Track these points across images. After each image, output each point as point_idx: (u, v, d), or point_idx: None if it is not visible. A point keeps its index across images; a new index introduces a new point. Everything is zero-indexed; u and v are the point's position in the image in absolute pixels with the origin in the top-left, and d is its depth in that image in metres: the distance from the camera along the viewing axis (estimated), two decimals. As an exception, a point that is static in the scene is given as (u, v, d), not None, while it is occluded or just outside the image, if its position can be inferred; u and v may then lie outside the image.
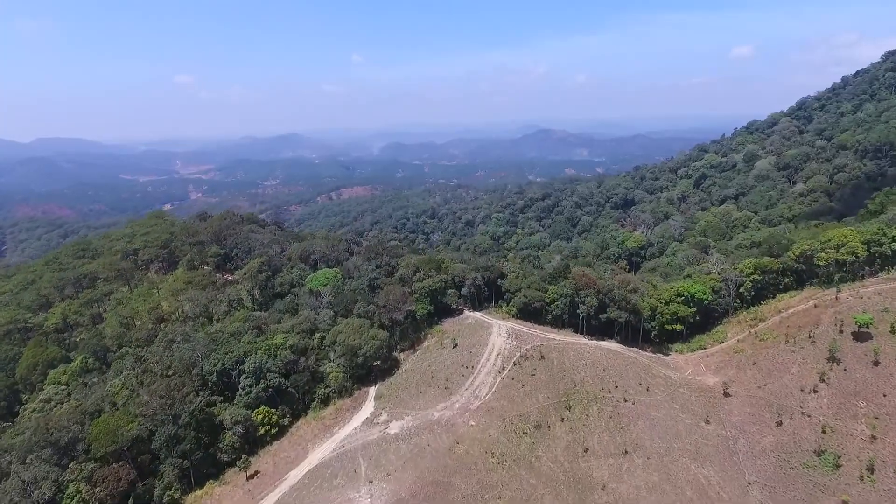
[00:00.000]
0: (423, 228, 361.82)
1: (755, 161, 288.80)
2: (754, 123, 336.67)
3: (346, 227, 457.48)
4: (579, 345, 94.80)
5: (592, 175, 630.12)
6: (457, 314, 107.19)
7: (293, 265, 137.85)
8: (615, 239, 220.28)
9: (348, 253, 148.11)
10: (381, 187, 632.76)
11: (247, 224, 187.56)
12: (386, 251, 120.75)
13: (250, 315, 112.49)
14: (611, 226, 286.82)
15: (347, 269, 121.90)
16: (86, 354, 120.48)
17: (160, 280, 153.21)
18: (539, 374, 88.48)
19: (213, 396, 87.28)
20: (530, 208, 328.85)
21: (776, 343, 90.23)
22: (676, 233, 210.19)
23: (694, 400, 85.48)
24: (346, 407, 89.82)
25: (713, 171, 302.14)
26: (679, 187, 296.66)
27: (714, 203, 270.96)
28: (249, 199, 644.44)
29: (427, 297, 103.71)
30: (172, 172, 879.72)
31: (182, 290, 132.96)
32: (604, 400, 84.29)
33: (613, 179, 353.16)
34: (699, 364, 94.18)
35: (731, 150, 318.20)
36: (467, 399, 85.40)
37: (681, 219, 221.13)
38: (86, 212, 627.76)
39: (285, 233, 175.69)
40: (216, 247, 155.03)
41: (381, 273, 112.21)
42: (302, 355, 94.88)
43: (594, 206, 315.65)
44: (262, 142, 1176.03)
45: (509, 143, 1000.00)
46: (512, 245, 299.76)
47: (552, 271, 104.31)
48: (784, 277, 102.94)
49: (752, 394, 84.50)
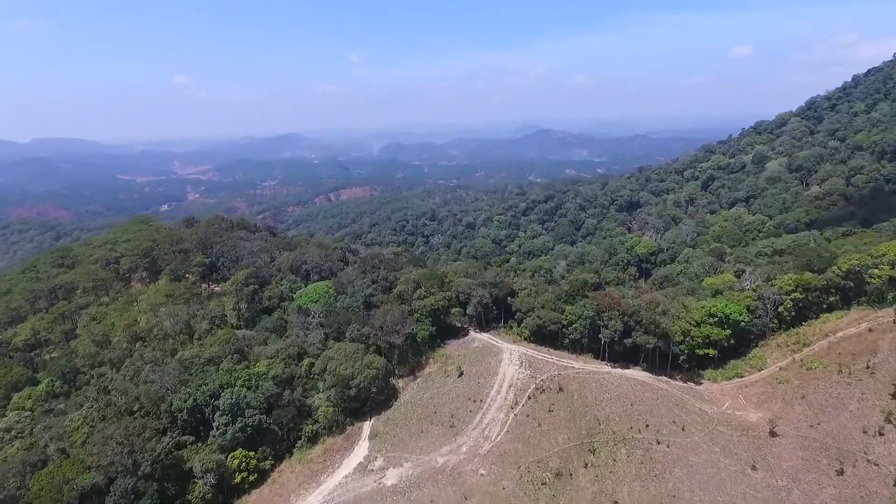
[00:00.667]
0: (422, 231, 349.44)
1: (765, 162, 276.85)
2: (762, 124, 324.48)
3: (345, 228, 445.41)
4: (602, 374, 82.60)
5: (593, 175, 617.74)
6: (462, 335, 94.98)
7: (283, 276, 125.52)
8: (623, 244, 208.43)
9: (343, 262, 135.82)
10: (381, 188, 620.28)
11: (237, 230, 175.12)
12: (383, 263, 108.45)
13: (233, 335, 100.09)
14: (616, 229, 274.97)
15: (341, 283, 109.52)
16: (52, 377, 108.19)
17: (141, 291, 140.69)
18: (558, 410, 76.36)
19: (183, 436, 75.00)
20: (532, 210, 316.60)
21: (827, 373, 78.19)
22: (688, 238, 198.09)
23: (736, 441, 73.42)
24: (337, 447, 77.54)
25: (721, 173, 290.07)
26: (686, 189, 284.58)
27: (724, 206, 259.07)
28: (247, 200, 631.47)
29: (429, 317, 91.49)
30: (170, 173, 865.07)
31: (162, 304, 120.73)
32: (633, 442, 72.18)
33: (617, 181, 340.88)
34: (737, 395, 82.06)
35: (739, 151, 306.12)
36: (476, 441, 73.22)
37: (692, 223, 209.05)
38: (82, 213, 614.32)
39: (277, 239, 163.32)
40: (201, 255, 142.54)
41: (378, 289, 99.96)
42: (287, 386, 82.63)
43: (598, 209, 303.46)
44: (261, 142, 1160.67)
45: (509, 144, 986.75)
46: (514, 249, 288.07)
47: (569, 288, 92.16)
48: (828, 296, 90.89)
49: (803, 434, 72.47)
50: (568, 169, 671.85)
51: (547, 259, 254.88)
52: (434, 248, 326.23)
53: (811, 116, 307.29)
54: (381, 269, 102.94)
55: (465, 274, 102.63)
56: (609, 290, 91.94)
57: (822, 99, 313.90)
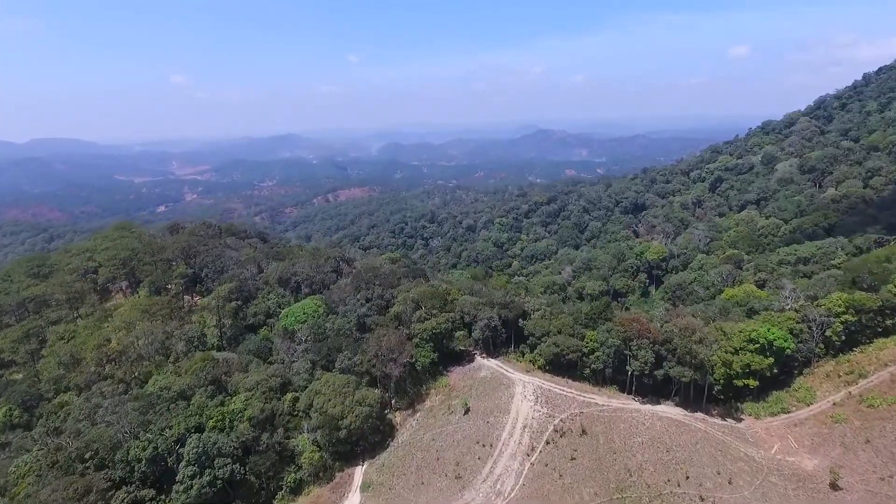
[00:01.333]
0: (421, 233, 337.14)
1: (775, 163, 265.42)
2: (770, 123, 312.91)
3: (343, 230, 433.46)
4: (630, 412, 70.81)
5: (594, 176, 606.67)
6: (467, 361, 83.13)
7: (270, 290, 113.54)
8: (632, 249, 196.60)
9: (336, 274, 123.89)
10: (379, 188, 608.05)
11: (225, 236, 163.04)
12: (379, 278, 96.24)
13: (210, 359, 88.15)
14: (621, 232, 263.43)
15: (332, 301, 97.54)
16: (11, 405, 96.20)
17: (119, 305, 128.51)
18: (581, 458, 64.64)
19: (141, 491, 63.11)
20: (535, 213, 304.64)
21: (894, 412, 66.67)
22: (701, 243, 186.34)
23: (792, 496, 61.71)
24: (324, 500, 65.71)
25: (729, 174, 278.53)
26: (693, 191, 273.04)
27: (733, 208, 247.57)
28: (244, 201, 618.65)
29: (430, 342, 79.68)
30: (168, 173, 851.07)
31: (139, 321, 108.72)
32: (673, 499, 60.45)
33: (622, 182, 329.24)
34: (787, 436, 70.39)
35: (747, 152, 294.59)
36: (486, 497, 61.43)
37: (704, 227, 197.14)
38: (77, 214, 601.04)
39: (267, 246, 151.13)
40: (183, 266, 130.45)
41: (373, 308, 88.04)
42: (267, 426, 70.76)
43: (603, 211, 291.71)
44: (259, 142, 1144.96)
45: (508, 144, 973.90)
46: (516, 252, 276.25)
47: (589, 311, 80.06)
48: (883, 318, 79.25)
49: (873, 488, 60.86)
50: (568, 169, 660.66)
51: (551, 263, 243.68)
52: (434, 251, 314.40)
53: (821, 116, 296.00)
54: (376, 285, 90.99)
55: (469, 290, 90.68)
56: (636, 314, 79.80)
57: (832, 98, 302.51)
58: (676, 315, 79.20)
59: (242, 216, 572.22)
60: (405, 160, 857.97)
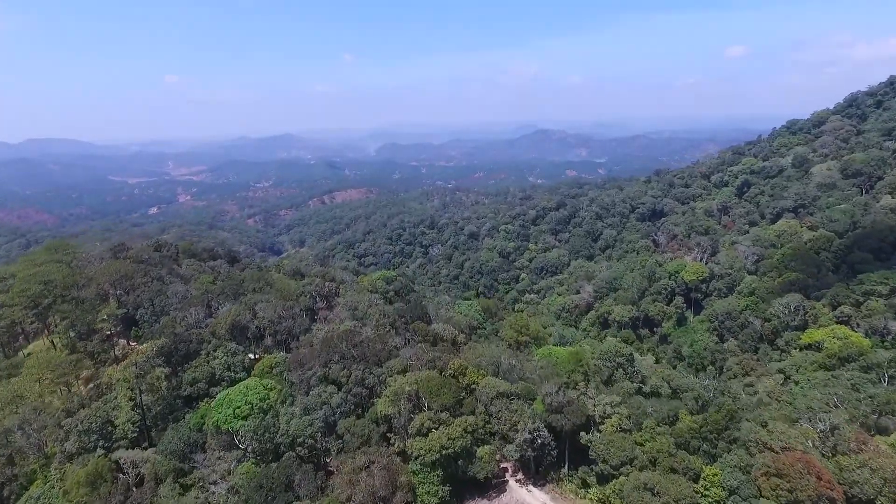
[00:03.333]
0: (420, 240, 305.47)
1: (807, 166, 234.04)
2: (796, 123, 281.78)
3: (338, 235, 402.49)
4: None
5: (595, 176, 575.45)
6: (495, 493, 51.29)
7: (219, 345, 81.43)
8: (663, 267, 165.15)
9: (312, 318, 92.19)
10: (377, 190, 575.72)
11: (183, 258, 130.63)
12: (360, 352, 62.75)
13: (102, 478, 56.46)
14: (639, 241, 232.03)
15: (296, 371, 65.28)
16: None
17: (34, 354, 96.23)
18: None
19: None
20: (543, 219, 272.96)
21: None
22: (749, 261, 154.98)
23: None
24: None
25: (756, 178, 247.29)
26: (719, 197, 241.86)
27: (767, 217, 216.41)
28: (238, 203, 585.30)
29: (438, 469, 48.15)
30: (163, 174, 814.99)
31: (30, 392, 76.82)
32: None
33: (635, 185, 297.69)
34: None
35: (774, 153, 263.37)
36: None
37: (748, 243, 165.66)
38: (65, 216, 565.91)
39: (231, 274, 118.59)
40: (114, 304, 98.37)
41: (350, 402, 56.02)
42: None
43: (617, 218, 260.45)
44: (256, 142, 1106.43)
45: (507, 144, 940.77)
46: (524, 263, 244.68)
47: (701, 426, 46.94)
48: None
49: None
50: (569, 170, 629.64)
51: (565, 279, 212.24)
52: (433, 260, 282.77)
53: (853, 114, 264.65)
54: (354, 362, 58.75)
55: (495, 366, 58.68)
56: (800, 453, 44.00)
57: (865, 95, 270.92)
58: (857, 439, 46.22)
59: (236, 218, 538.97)
60: (403, 160, 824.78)
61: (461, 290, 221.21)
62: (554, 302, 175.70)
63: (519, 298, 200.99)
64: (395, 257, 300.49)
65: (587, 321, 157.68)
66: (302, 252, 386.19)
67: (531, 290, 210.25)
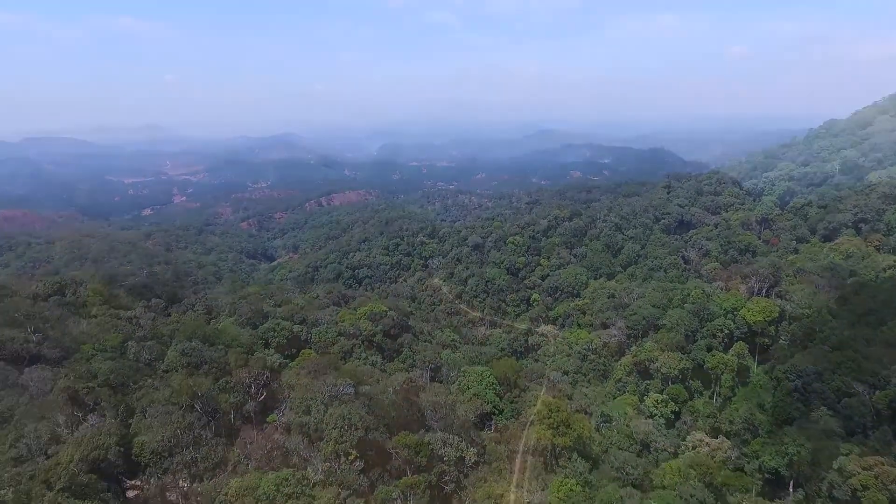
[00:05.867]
0: (420, 251, 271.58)
1: (861, 173, 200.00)
2: (836, 124, 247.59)
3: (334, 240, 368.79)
4: None
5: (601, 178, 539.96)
6: None
7: None
8: (715, 301, 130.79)
9: (231, 434, 58.75)
10: (376, 192, 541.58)
11: (94, 304, 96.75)
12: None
13: None
14: (667, 258, 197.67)
15: None
16: None
17: None
18: None
19: None
20: (556, 230, 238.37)
21: None
22: (831, 298, 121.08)
23: None
24: None
25: (797, 185, 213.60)
26: (759, 209, 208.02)
27: (819, 233, 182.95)
28: (233, 205, 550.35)
29: None
30: (161, 174, 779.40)
31: None
32: None
33: (654, 191, 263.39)
34: None
35: (814, 157, 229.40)
36: None
37: (826, 275, 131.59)
38: (55, 218, 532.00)
39: (176, 313, 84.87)
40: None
41: None
42: None
43: (640, 229, 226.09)
44: (255, 141, 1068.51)
45: (509, 144, 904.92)
46: (536, 281, 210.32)
47: None
48: None
49: None
50: (574, 171, 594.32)
51: (585, 304, 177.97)
52: (433, 273, 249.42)
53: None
54: None
55: None
56: None
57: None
58: None
59: (230, 221, 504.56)
60: (405, 160, 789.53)
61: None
62: (577, 339, 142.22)
63: (532, 330, 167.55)
64: (392, 270, 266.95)
65: (621, 369, 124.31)
66: (294, 261, 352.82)
67: (546, 318, 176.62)
